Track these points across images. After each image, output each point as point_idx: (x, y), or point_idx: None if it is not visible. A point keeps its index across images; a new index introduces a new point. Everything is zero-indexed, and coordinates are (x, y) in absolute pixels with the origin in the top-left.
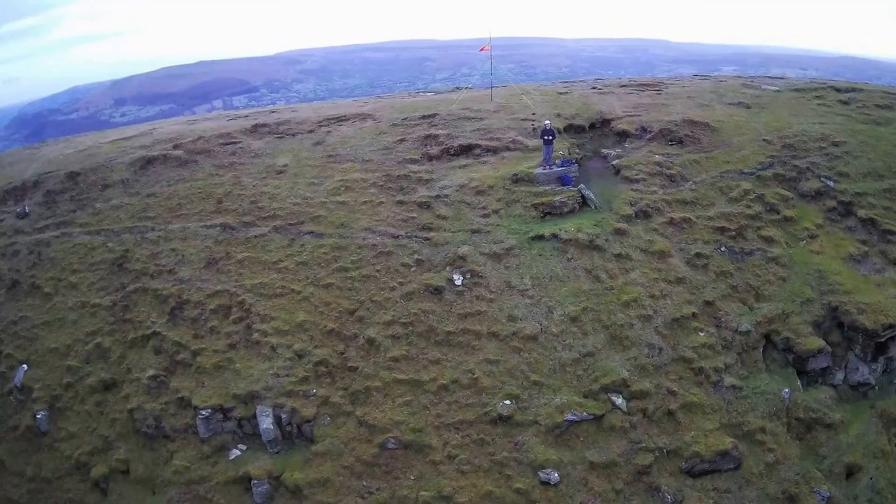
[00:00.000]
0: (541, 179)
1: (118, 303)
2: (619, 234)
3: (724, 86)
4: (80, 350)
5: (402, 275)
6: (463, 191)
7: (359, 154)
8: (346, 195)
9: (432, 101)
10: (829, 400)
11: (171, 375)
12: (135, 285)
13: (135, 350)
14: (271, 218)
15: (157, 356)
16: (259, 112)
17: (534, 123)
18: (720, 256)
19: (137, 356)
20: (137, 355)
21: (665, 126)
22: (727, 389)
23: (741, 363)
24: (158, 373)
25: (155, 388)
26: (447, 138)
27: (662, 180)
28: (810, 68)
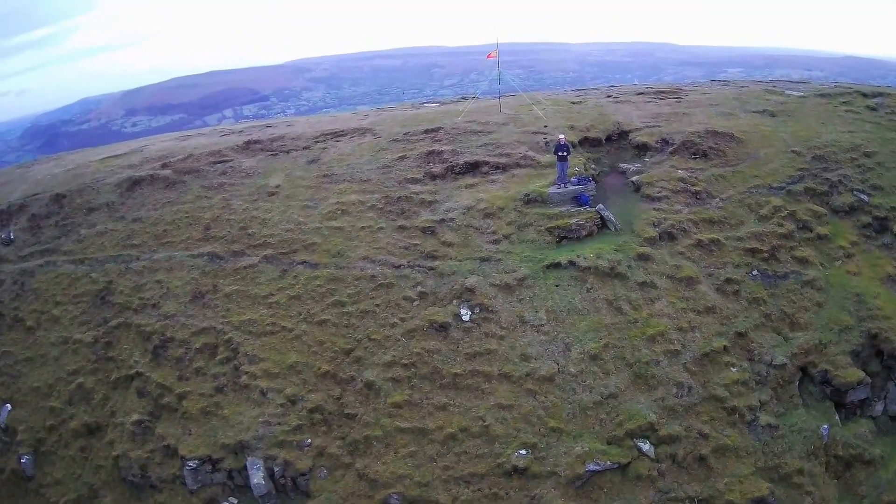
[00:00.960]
0: (555, 200)
1: (100, 339)
2: (643, 259)
3: (746, 92)
4: (63, 390)
5: (403, 310)
6: (470, 214)
7: (356, 173)
8: (343, 220)
9: (436, 114)
10: (868, 434)
11: (156, 421)
12: (117, 320)
13: (118, 391)
14: (262, 246)
15: (140, 399)
16: (254, 126)
17: (546, 137)
18: (752, 281)
19: (121, 398)
20: (121, 397)
21: (687, 138)
22: (762, 429)
23: (776, 399)
24: (143, 418)
25: (140, 434)
26: (452, 155)
27: (687, 198)
28: (815, 69)
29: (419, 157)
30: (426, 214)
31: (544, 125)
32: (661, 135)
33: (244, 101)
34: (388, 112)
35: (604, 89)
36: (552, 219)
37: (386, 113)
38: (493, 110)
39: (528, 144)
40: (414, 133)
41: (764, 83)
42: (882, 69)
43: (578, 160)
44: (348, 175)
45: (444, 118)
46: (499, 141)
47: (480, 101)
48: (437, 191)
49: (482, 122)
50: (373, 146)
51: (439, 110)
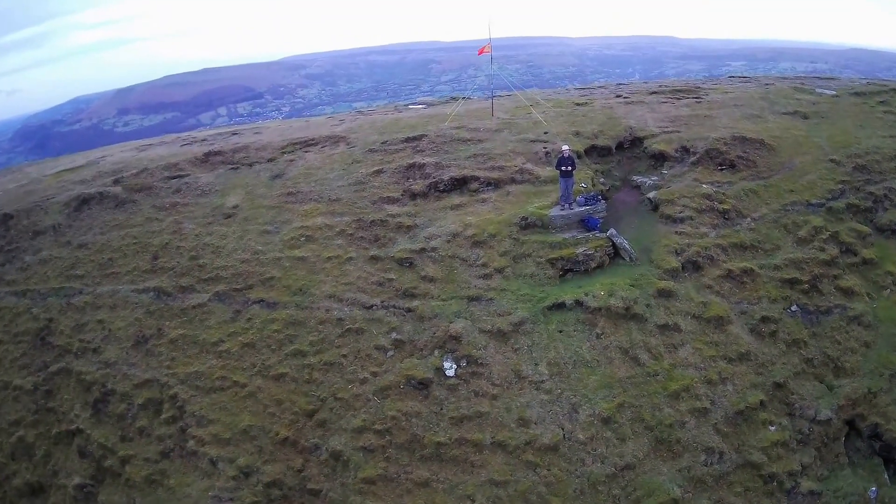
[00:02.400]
0: (558, 224)
1: (40, 386)
2: (664, 296)
3: (773, 91)
4: (5, 442)
5: (375, 362)
6: (456, 242)
7: (325, 191)
8: (307, 248)
9: (420, 118)
10: None
11: (99, 486)
12: (58, 365)
13: (60, 448)
14: (213, 280)
15: (82, 460)
16: (220, 133)
17: (546, 146)
18: (791, 319)
19: (63, 456)
20: (63, 455)
21: (712, 145)
22: (804, 497)
23: (820, 460)
24: (85, 482)
25: (82, 500)
26: (435, 168)
27: (714, 218)
28: (820, 61)
29: (397, 172)
30: (404, 242)
31: (544, 131)
32: (681, 142)
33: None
34: (365, 117)
35: (612, 88)
36: (554, 248)
37: (363, 118)
38: (486, 113)
39: (525, 155)
40: (393, 142)
41: (790, 79)
42: (888, 61)
43: (585, 174)
44: (316, 193)
45: (429, 123)
46: (491, 151)
47: (472, 101)
48: (418, 213)
49: (472, 127)
50: (345, 158)
51: (425, 113)
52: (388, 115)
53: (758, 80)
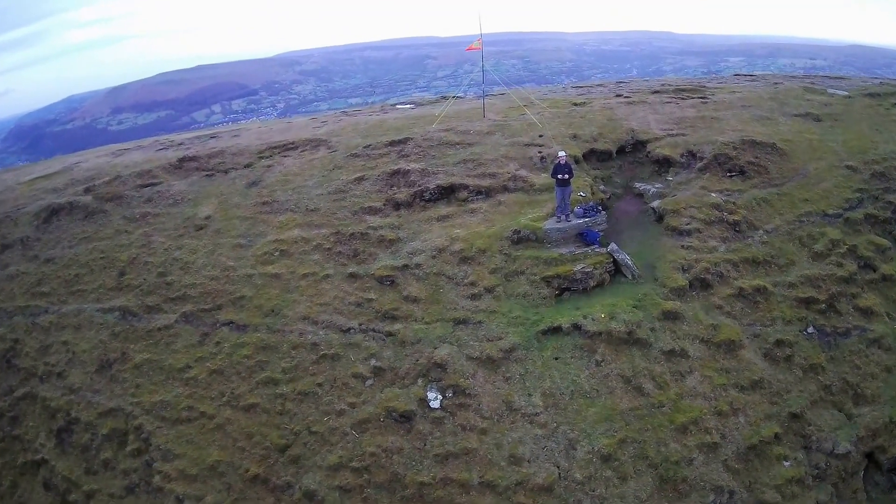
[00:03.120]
0: (554, 238)
1: (6, 412)
2: (670, 318)
3: (783, 91)
4: None
5: (353, 392)
6: (442, 258)
7: (302, 200)
8: (280, 264)
9: (406, 120)
10: None
11: None
12: (23, 389)
13: (26, 479)
14: (181, 300)
15: (47, 492)
16: (198, 136)
17: (541, 150)
18: (807, 342)
19: (29, 488)
20: (29, 486)
21: (720, 150)
22: None
23: (837, 496)
24: None
25: None
26: (421, 175)
27: (723, 230)
28: (819, 58)
29: (380, 179)
30: (385, 258)
31: (539, 134)
32: (687, 146)
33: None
34: (349, 118)
35: (611, 86)
36: (550, 264)
37: (347, 119)
38: (476, 114)
39: (518, 160)
40: (376, 146)
41: (798, 78)
42: (888, 58)
43: (584, 181)
44: (292, 202)
45: (416, 125)
46: (481, 156)
47: (462, 101)
48: (401, 224)
49: (461, 130)
50: (326, 163)
51: (411, 114)
52: (373, 117)
53: (765, 79)
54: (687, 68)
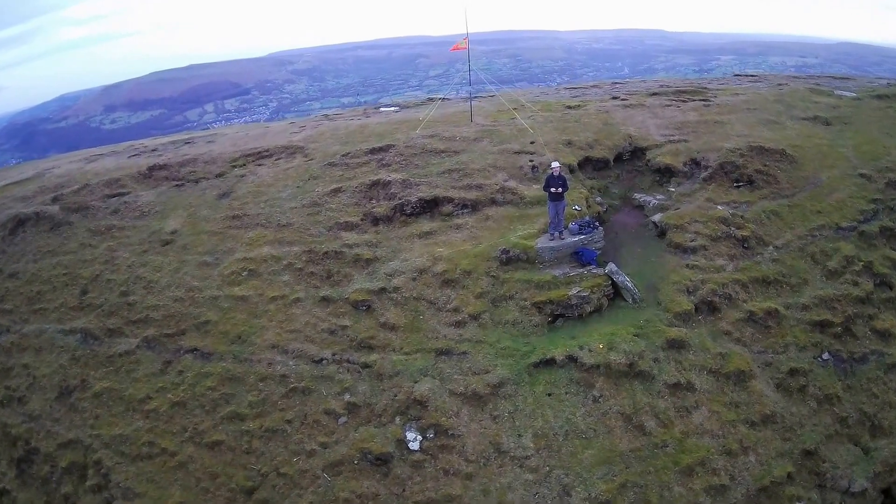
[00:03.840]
0: (546, 257)
1: None
2: (675, 347)
3: (788, 92)
4: None
5: (325, 430)
6: (423, 280)
7: (274, 213)
8: (249, 285)
9: (388, 125)
10: None
11: None
12: None
13: None
14: (143, 323)
15: None
16: (173, 142)
17: (532, 159)
18: (822, 370)
19: None
20: None
21: (726, 158)
22: None
23: None
24: None
25: None
26: (402, 187)
27: (731, 247)
28: (810, 56)
29: (358, 191)
30: (361, 280)
31: (531, 141)
32: (690, 153)
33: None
34: (329, 123)
35: (607, 87)
36: (542, 288)
37: (327, 124)
38: (463, 118)
39: (507, 170)
40: (355, 154)
41: (803, 79)
42: (879, 55)
43: (579, 193)
44: (264, 216)
45: (398, 131)
46: (468, 165)
47: (449, 104)
48: (380, 242)
49: (447, 136)
50: (301, 173)
51: (395, 118)
52: (355, 121)
53: (768, 80)
54: (678, 66)
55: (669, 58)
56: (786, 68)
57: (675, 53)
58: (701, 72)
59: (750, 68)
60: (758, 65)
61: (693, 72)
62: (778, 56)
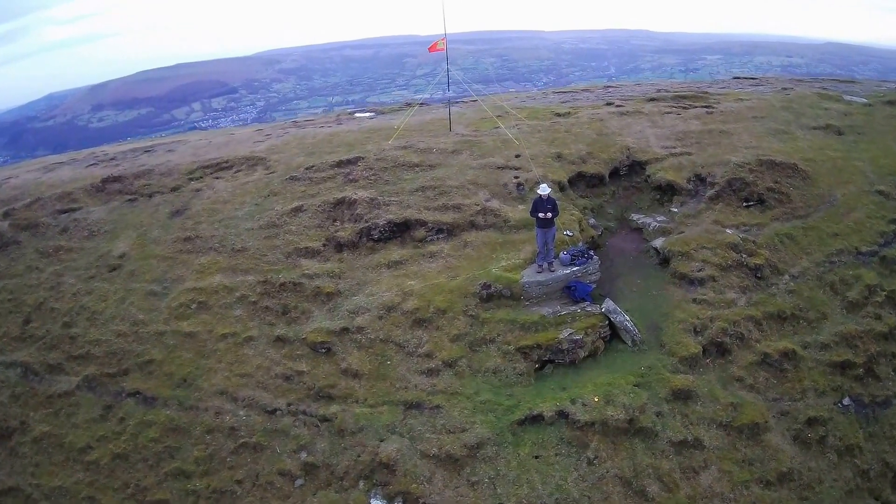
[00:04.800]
0: (534, 293)
1: None
2: (681, 398)
3: (796, 98)
4: None
5: (279, 493)
6: (391, 319)
7: (229, 235)
8: (197, 320)
9: (360, 133)
10: None
11: None
12: None
13: None
14: (84, 360)
15: None
16: (133, 150)
17: (518, 176)
18: (843, 417)
19: None
20: None
21: (734, 174)
22: None
23: None
24: None
25: None
26: (370, 207)
27: (743, 277)
28: (796, 55)
29: (321, 211)
30: (321, 317)
31: (516, 154)
32: (694, 168)
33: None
34: (298, 129)
35: (599, 91)
36: (528, 330)
37: (294, 131)
38: (442, 127)
39: (489, 188)
40: (321, 167)
41: (808, 82)
42: (864, 55)
43: (570, 216)
44: (218, 239)
45: (370, 140)
46: (444, 182)
47: (428, 109)
48: (343, 272)
49: (422, 147)
50: (260, 188)
51: (367, 126)
52: (324, 129)
53: (770, 83)
54: (664, 66)
55: (656, 58)
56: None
57: (662, 53)
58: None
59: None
60: (744, 64)
61: (679, 72)
62: (764, 56)
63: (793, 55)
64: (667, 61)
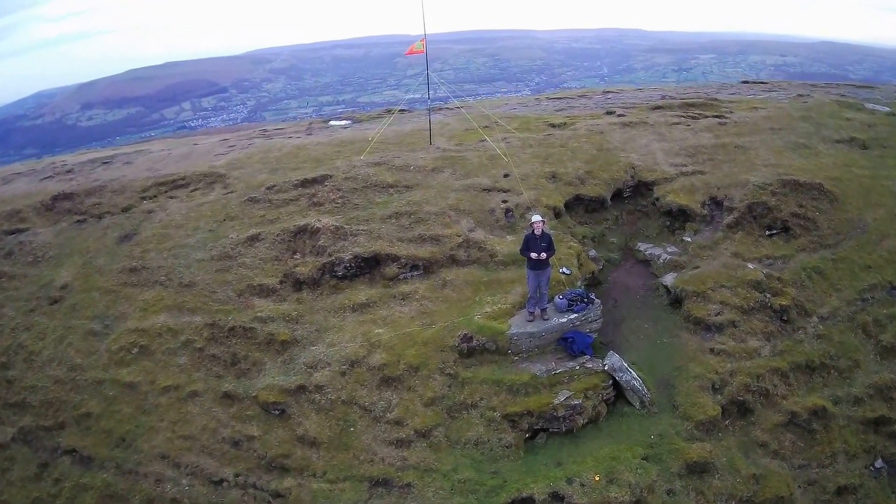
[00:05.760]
0: (524, 346)
1: None
2: (696, 472)
3: (814, 107)
4: None
5: None
6: (355, 375)
7: (177, 268)
8: (138, 367)
9: (331, 146)
10: None
11: None
12: None
13: None
14: (20, 408)
15: None
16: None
17: (507, 200)
18: (874, 482)
19: None
20: None
21: (755, 197)
22: None
23: None
24: None
25: None
26: (334, 238)
27: (766, 321)
28: (790, 55)
29: (280, 240)
30: (274, 371)
31: (504, 173)
32: (709, 189)
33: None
34: (263, 141)
35: (598, 98)
36: (517, 393)
37: (260, 143)
38: (421, 140)
39: (473, 214)
40: (283, 187)
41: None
42: (858, 54)
43: (568, 249)
44: (165, 271)
45: (340, 155)
46: (421, 208)
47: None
48: (301, 316)
49: (398, 165)
50: (216, 211)
51: (339, 137)
52: (293, 140)
53: (783, 88)
54: (657, 66)
55: (649, 57)
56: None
57: (655, 52)
58: (680, 71)
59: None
60: (737, 63)
61: (672, 71)
62: (758, 55)
63: (787, 54)
64: (660, 61)
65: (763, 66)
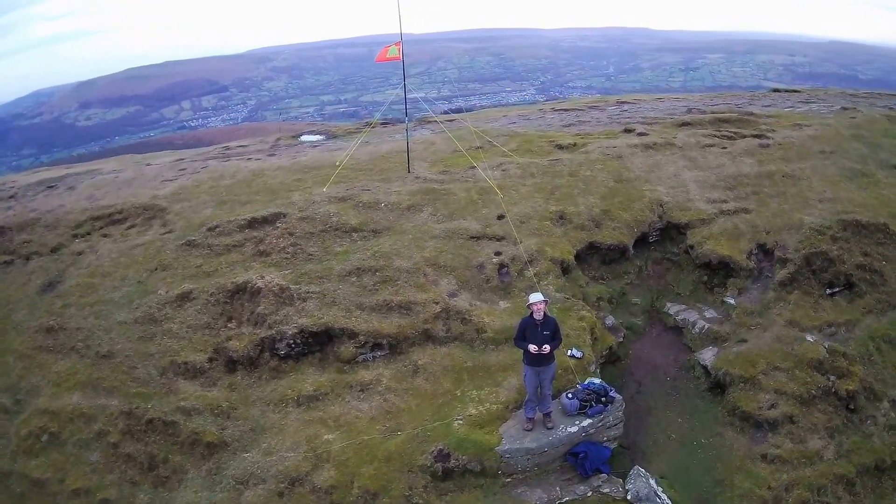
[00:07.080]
0: (519, 464)
1: None
2: None
3: (863, 123)
4: None
5: None
6: (295, 497)
7: (96, 332)
8: (48, 461)
9: (291, 173)
10: None
11: None
12: None
13: None
14: None
15: None
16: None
17: (500, 251)
18: None
19: None
20: None
21: (813, 245)
22: None
23: None
24: None
25: None
26: (278, 302)
27: (830, 412)
28: (798, 54)
29: (214, 302)
30: (197, 484)
31: (498, 214)
32: (756, 234)
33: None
34: (218, 164)
35: (612, 108)
36: None
37: (213, 165)
38: (398, 165)
39: (457, 272)
40: (227, 228)
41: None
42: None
43: (579, 320)
44: (83, 334)
45: (301, 185)
46: (391, 261)
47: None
48: (233, 407)
49: (366, 201)
50: (149, 256)
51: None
52: (251, 162)
53: (821, 99)
54: (664, 65)
55: (656, 56)
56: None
57: (662, 52)
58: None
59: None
60: (745, 63)
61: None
62: (766, 54)
63: (796, 54)
64: (667, 60)
65: (772, 65)
